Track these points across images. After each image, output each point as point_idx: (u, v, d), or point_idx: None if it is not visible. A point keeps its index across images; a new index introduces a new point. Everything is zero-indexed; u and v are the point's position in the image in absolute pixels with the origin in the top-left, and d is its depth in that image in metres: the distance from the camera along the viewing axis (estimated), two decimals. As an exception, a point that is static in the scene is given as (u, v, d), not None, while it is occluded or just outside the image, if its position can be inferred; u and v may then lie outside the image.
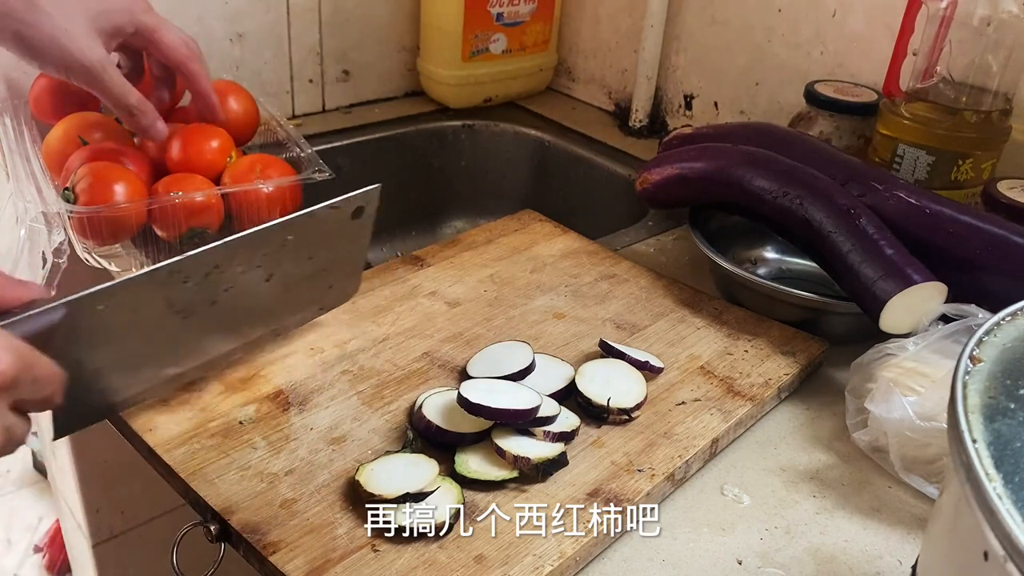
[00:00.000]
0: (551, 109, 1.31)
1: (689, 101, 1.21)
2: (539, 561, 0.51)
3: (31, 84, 0.85)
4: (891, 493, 0.62)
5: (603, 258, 0.85)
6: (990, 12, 0.81)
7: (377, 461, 0.56)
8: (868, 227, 0.71)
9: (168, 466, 0.56)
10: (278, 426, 0.60)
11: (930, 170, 0.85)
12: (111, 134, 0.80)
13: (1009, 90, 0.84)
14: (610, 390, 0.63)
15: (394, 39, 1.27)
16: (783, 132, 0.88)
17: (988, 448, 0.34)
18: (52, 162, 0.77)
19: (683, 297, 0.79)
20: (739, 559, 0.56)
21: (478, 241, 0.86)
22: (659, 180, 0.87)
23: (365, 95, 1.27)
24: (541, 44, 1.30)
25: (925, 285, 0.67)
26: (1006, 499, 0.32)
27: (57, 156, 0.77)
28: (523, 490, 0.56)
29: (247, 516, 0.53)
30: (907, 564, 0.56)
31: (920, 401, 0.59)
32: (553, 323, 0.74)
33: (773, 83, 1.10)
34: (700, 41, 1.17)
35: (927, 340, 0.64)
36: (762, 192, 0.78)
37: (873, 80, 0.99)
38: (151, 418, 0.59)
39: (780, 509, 0.60)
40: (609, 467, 0.59)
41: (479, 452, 0.58)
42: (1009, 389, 0.38)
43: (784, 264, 0.90)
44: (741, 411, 0.65)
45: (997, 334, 0.41)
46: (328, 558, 0.50)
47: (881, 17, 0.97)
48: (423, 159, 1.24)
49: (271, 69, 1.16)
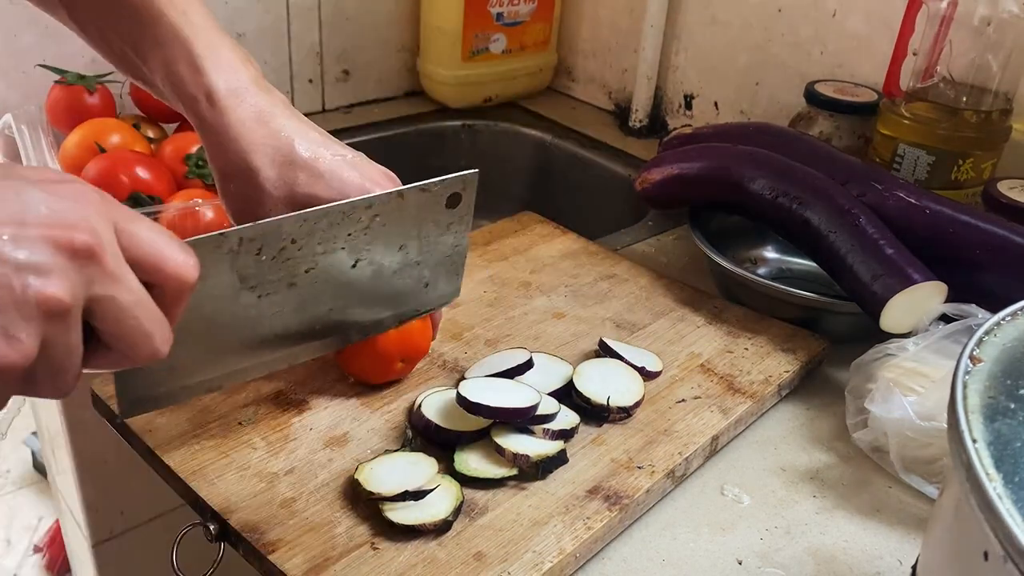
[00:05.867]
0: (551, 109, 1.31)
1: (689, 101, 1.21)
2: (538, 558, 0.51)
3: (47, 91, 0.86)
4: (891, 493, 0.62)
5: (603, 258, 0.85)
6: (990, 12, 0.81)
7: (376, 460, 0.56)
8: (868, 227, 0.71)
9: (168, 466, 0.56)
10: (278, 426, 0.60)
11: (930, 170, 0.85)
12: (128, 140, 0.80)
13: (1009, 90, 0.84)
14: (608, 389, 0.63)
15: (394, 39, 1.27)
16: (783, 132, 0.88)
17: (988, 448, 0.34)
18: (69, 169, 0.77)
19: (683, 296, 0.79)
20: (739, 559, 0.56)
21: (478, 242, 0.86)
22: (659, 180, 0.87)
23: (365, 95, 1.28)
24: (541, 44, 1.30)
25: (925, 285, 0.67)
26: (1006, 499, 0.32)
27: (74, 163, 0.78)
28: (523, 488, 0.56)
29: (246, 515, 0.53)
30: (907, 564, 0.56)
31: (920, 401, 0.59)
32: (553, 323, 0.74)
33: (773, 83, 1.10)
34: (700, 41, 1.17)
35: (927, 340, 0.64)
36: (762, 192, 0.78)
37: (873, 80, 0.99)
38: (151, 418, 0.59)
39: (780, 509, 0.60)
40: (609, 464, 0.59)
41: (478, 450, 0.58)
42: (1009, 389, 0.38)
43: (784, 264, 0.90)
44: (741, 408, 0.65)
45: (997, 334, 0.41)
46: (327, 556, 0.50)
47: (881, 17, 0.97)
48: (423, 159, 1.24)
49: (271, 69, 1.16)
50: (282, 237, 0.52)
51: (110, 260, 0.37)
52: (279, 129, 0.55)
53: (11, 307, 0.35)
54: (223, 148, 0.55)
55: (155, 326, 0.39)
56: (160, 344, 0.40)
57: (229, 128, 0.54)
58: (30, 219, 0.36)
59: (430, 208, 0.59)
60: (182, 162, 0.85)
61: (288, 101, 0.57)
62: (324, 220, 0.53)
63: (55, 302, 0.35)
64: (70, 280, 0.36)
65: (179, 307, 0.41)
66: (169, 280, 0.40)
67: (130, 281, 0.38)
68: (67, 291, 0.36)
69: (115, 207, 0.39)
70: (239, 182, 0.55)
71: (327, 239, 0.54)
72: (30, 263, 0.35)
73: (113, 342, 0.39)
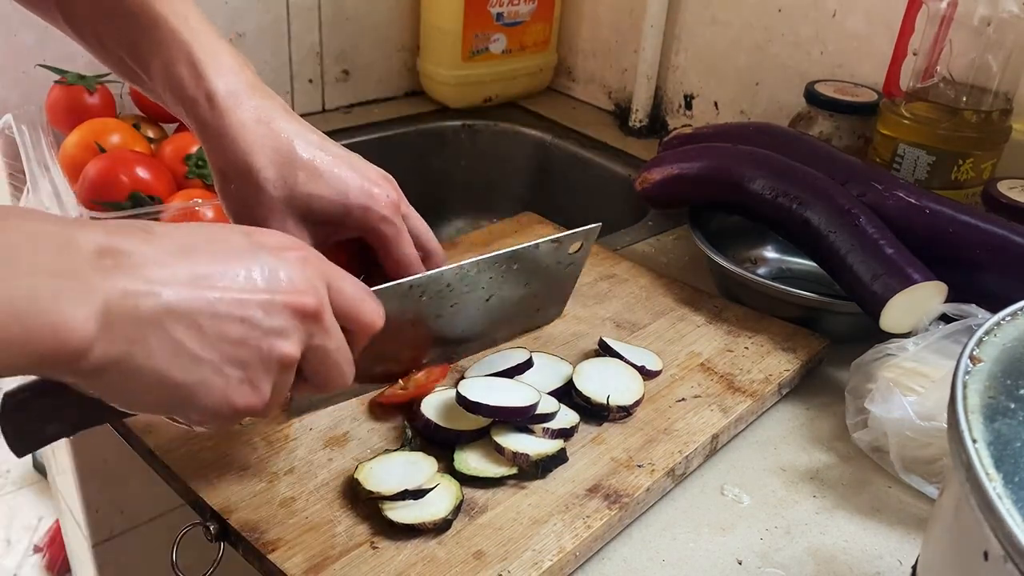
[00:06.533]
0: (551, 109, 1.31)
1: (689, 101, 1.21)
2: (538, 556, 0.51)
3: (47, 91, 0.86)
4: (891, 493, 0.62)
5: (603, 258, 0.85)
6: (990, 12, 0.81)
7: (376, 459, 0.56)
8: (868, 227, 0.71)
9: (168, 466, 0.56)
10: (278, 426, 0.60)
11: (930, 170, 0.85)
12: (128, 140, 0.80)
13: (1009, 90, 0.84)
14: (608, 388, 0.63)
15: (394, 39, 1.27)
16: (783, 132, 0.88)
17: (988, 448, 0.34)
18: (69, 169, 0.77)
19: (683, 296, 0.79)
20: (739, 559, 0.56)
21: (478, 242, 0.86)
22: (659, 180, 0.87)
23: (365, 95, 1.28)
24: (541, 44, 1.30)
25: (925, 284, 0.67)
26: (1006, 499, 0.32)
27: (74, 163, 0.78)
28: (522, 486, 0.56)
29: (246, 515, 0.53)
30: (907, 564, 0.56)
31: (920, 401, 0.59)
32: (553, 322, 0.74)
33: (773, 83, 1.10)
34: (700, 41, 1.17)
35: (927, 340, 0.64)
36: (762, 192, 0.78)
37: (873, 80, 0.99)
38: (151, 418, 0.59)
39: (780, 509, 0.60)
40: (609, 463, 0.59)
41: (478, 449, 0.58)
42: (1009, 389, 0.38)
43: (784, 264, 0.90)
44: (741, 407, 0.65)
45: (997, 334, 0.41)
46: (327, 555, 0.50)
47: (881, 17, 0.97)
48: (423, 159, 1.24)
49: (271, 69, 1.16)
50: (442, 283, 0.60)
51: (327, 319, 0.45)
52: (279, 130, 0.56)
53: (259, 364, 0.42)
54: (223, 149, 0.55)
55: (348, 366, 0.48)
56: (349, 378, 0.48)
57: (230, 129, 0.54)
58: (276, 288, 0.43)
59: (556, 254, 0.67)
60: (182, 162, 0.85)
61: (286, 104, 0.58)
62: (474, 267, 0.62)
63: (290, 359, 0.44)
64: (300, 338, 0.44)
65: (363, 345, 0.49)
66: (363, 328, 0.48)
67: (337, 332, 0.46)
68: (298, 348, 0.44)
69: (327, 267, 0.47)
70: (240, 182, 0.55)
71: (473, 282, 0.63)
72: (276, 328, 0.43)
73: (314, 378, 0.47)
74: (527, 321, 0.72)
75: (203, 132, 0.55)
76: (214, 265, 0.41)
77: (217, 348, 0.41)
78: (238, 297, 0.41)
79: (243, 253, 0.43)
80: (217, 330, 0.41)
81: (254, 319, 0.42)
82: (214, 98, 0.54)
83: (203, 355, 0.40)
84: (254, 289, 0.42)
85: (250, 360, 0.42)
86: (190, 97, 0.54)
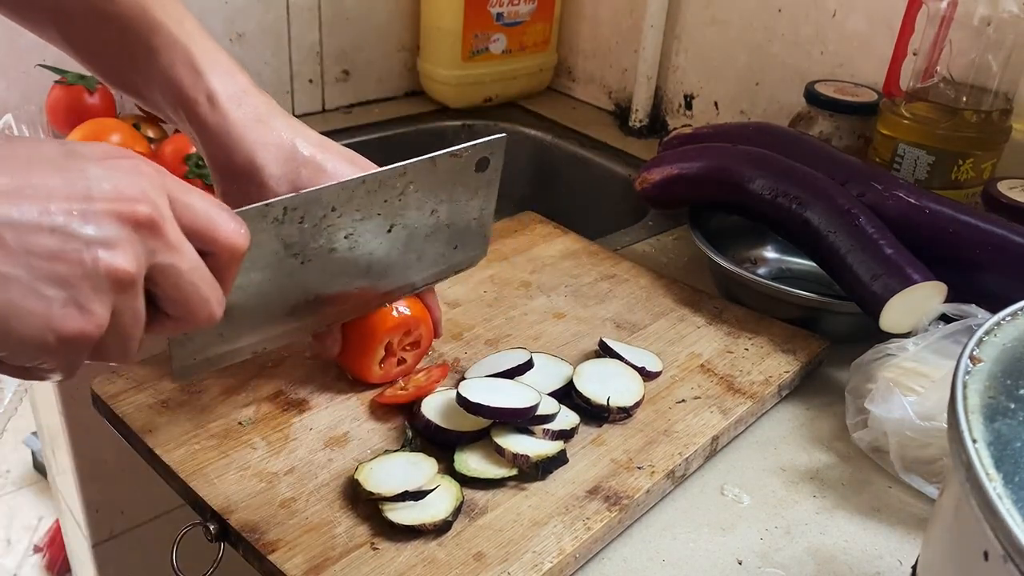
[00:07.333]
0: (551, 109, 1.31)
1: (689, 101, 1.21)
2: (538, 558, 0.51)
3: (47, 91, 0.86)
4: (891, 493, 0.62)
5: (603, 258, 0.85)
6: (990, 12, 0.81)
7: (376, 460, 0.56)
8: (868, 227, 0.71)
9: (168, 466, 0.56)
10: (278, 426, 0.60)
11: (930, 170, 0.85)
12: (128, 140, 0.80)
13: (1009, 90, 0.84)
14: (608, 389, 0.63)
15: (394, 39, 1.27)
16: (783, 132, 0.88)
17: (988, 448, 0.34)
18: None
19: (683, 296, 0.79)
20: (739, 559, 0.56)
21: (478, 241, 0.86)
22: (659, 180, 0.87)
23: (365, 95, 1.28)
24: (541, 44, 1.30)
25: (925, 285, 0.67)
26: (1006, 499, 0.32)
27: None
28: (523, 488, 0.56)
29: (246, 515, 0.53)
30: (907, 564, 0.56)
31: (920, 401, 0.59)
32: (553, 323, 0.74)
33: (773, 83, 1.10)
34: (700, 41, 1.17)
35: (927, 340, 0.64)
36: (762, 192, 0.78)
37: (873, 80, 0.99)
38: (151, 419, 0.59)
39: (780, 509, 0.60)
40: (609, 464, 0.59)
41: (478, 450, 0.58)
42: (1009, 389, 0.38)
43: (784, 264, 0.90)
44: (741, 408, 0.65)
45: (997, 334, 0.41)
46: (327, 556, 0.50)
47: (881, 17, 0.97)
48: (423, 159, 1.24)
49: (271, 69, 1.16)
50: (323, 205, 0.54)
51: (170, 230, 0.39)
52: (279, 129, 0.56)
53: (83, 280, 0.37)
54: (226, 148, 0.55)
55: (211, 291, 0.42)
56: (216, 308, 0.42)
57: (232, 128, 0.55)
58: (95, 195, 0.37)
59: (460, 173, 0.61)
60: (182, 162, 0.85)
61: (279, 106, 0.58)
62: (362, 188, 0.55)
63: (123, 273, 0.38)
64: (135, 251, 0.38)
65: (231, 273, 0.44)
66: (222, 248, 0.42)
67: (188, 250, 0.40)
68: (133, 262, 0.38)
69: (169, 179, 0.41)
70: (243, 181, 0.55)
71: (365, 206, 0.57)
72: (98, 237, 0.37)
73: (172, 308, 0.41)
74: (446, 260, 0.65)
75: (204, 132, 0.55)
76: (18, 175, 0.36)
77: (24, 263, 0.36)
78: (46, 205, 0.36)
79: (56, 160, 0.38)
80: (22, 242, 0.35)
81: (68, 228, 0.36)
82: (215, 98, 0.54)
83: (8, 271, 0.35)
84: (68, 197, 0.37)
85: (71, 277, 0.37)
86: (190, 98, 0.54)
